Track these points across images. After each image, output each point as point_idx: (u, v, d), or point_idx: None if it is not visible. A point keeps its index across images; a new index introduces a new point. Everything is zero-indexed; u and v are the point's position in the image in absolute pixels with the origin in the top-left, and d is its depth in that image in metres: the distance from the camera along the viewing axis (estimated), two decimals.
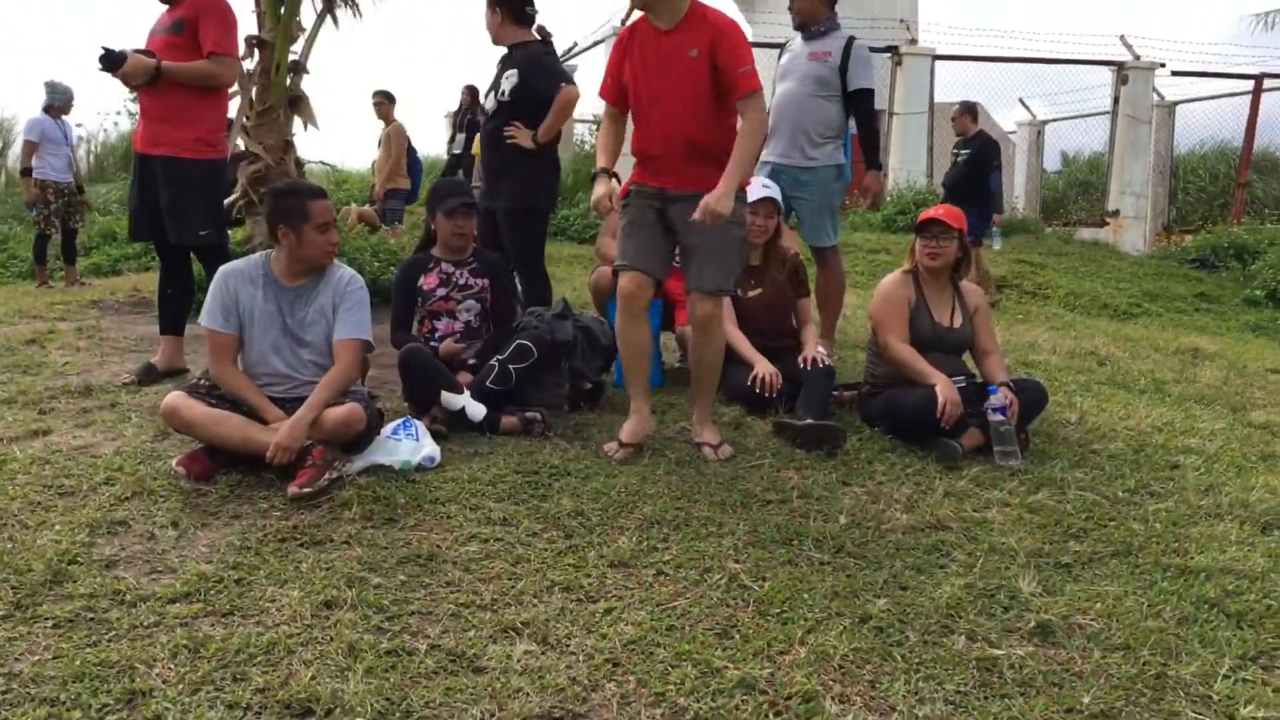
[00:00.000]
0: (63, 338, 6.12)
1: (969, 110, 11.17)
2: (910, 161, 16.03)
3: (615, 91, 4.31)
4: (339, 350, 4.02)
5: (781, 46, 6.25)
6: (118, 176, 16.83)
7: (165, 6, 5.27)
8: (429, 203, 5.10)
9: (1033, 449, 4.60)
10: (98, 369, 5.39)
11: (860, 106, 5.85)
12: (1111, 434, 4.95)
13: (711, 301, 4.26)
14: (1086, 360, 6.84)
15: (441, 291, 4.89)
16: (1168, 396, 6.05)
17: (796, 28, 5.96)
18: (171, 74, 5.03)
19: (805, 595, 3.02)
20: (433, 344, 4.78)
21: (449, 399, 4.38)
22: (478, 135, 12.33)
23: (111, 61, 4.94)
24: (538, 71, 5.50)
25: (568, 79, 5.59)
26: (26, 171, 10.34)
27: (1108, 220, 16.27)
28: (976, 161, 10.58)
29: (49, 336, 6.13)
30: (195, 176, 5.10)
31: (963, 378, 4.74)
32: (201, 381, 4.07)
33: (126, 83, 5.14)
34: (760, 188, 5.29)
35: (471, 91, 13.01)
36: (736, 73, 4.01)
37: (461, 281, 4.91)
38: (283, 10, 7.67)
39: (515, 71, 5.54)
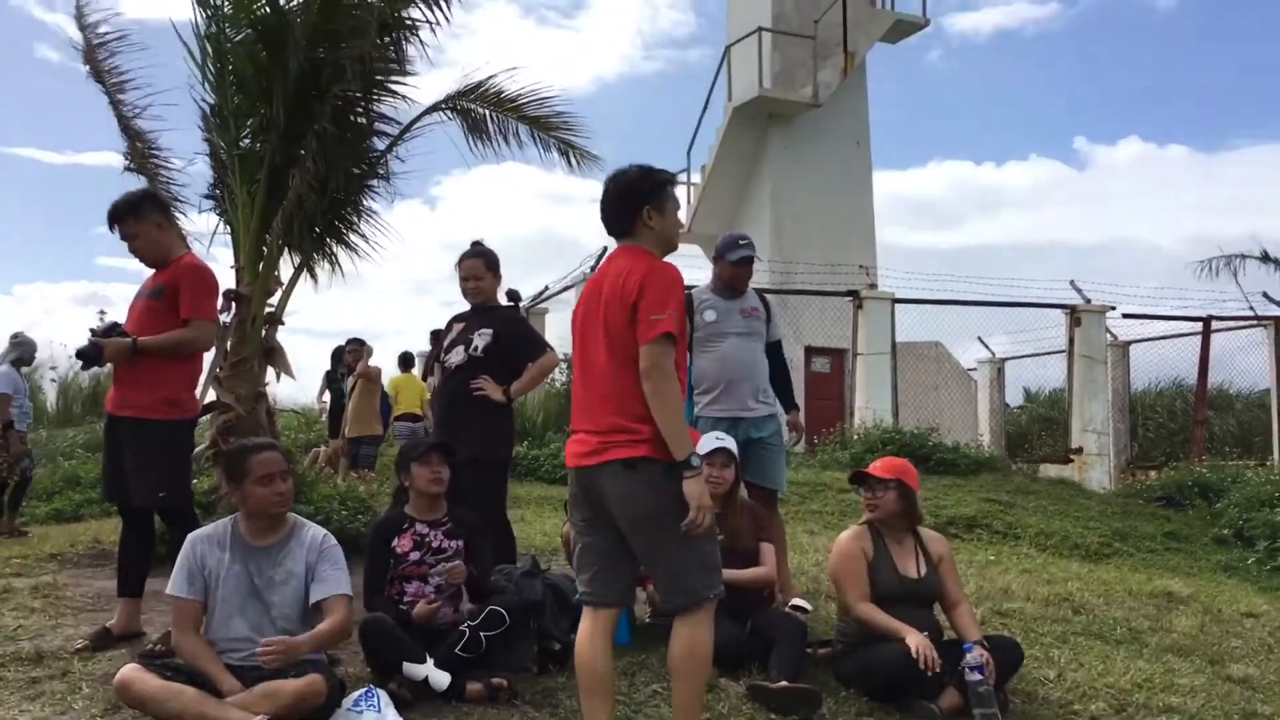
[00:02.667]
0: (17, 597, 5.96)
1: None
2: (876, 400, 16.33)
3: None
4: (330, 607, 4.06)
5: (689, 302, 6.09)
6: (84, 420, 16.83)
7: (152, 270, 5.40)
8: (399, 463, 5.12)
9: (1013, 710, 4.49)
10: (51, 632, 5.23)
11: (778, 355, 6.26)
12: (1092, 692, 4.85)
13: None
14: (1061, 608, 6.78)
15: (415, 556, 4.80)
16: (1145, 647, 5.97)
17: (723, 289, 6.15)
18: (147, 347, 5.10)
19: None
20: (402, 606, 4.67)
21: (411, 669, 4.26)
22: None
23: (89, 360, 5.05)
24: (516, 332, 5.74)
25: (548, 344, 5.85)
26: (9, 425, 10.03)
27: (1072, 457, 16.49)
28: None
29: (3, 596, 5.97)
30: (158, 437, 5.09)
31: (929, 632, 4.68)
32: (157, 648, 3.97)
33: (119, 356, 5.15)
34: (714, 440, 5.37)
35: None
36: None
37: (436, 544, 4.84)
38: (261, 266, 7.89)
39: (490, 331, 5.71)
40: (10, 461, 10.05)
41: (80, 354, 5.05)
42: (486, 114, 8.50)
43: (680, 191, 21.45)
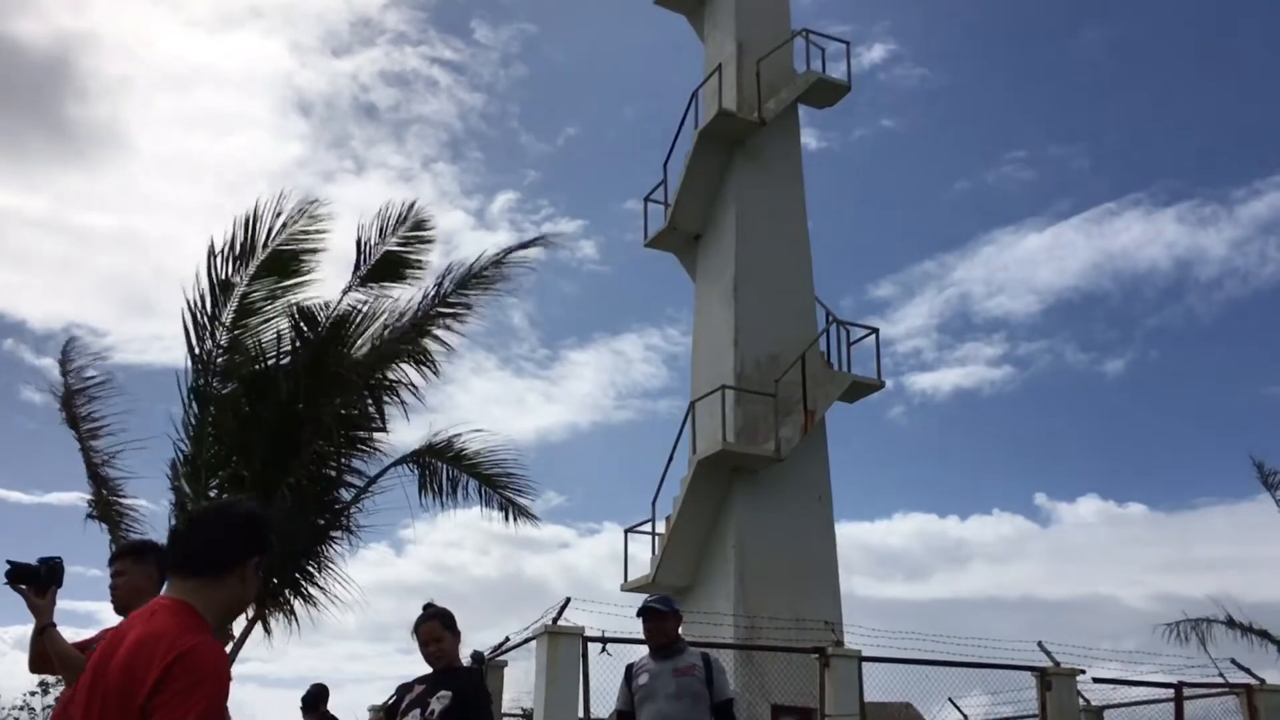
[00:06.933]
0: None
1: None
2: None
3: None
4: None
5: (628, 672, 6.49)
6: None
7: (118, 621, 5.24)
8: None
9: None
10: None
11: (726, 715, 6.20)
12: None
13: None
14: None
15: None
16: None
17: (656, 650, 6.27)
18: (51, 638, 4.82)
19: None
20: None
21: None
22: None
23: (23, 576, 4.65)
24: (477, 702, 5.57)
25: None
26: None
27: None
28: None
29: None
30: None
31: None
32: None
33: (36, 614, 4.79)
34: None
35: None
36: None
37: None
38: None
39: (450, 694, 5.57)
40: None
41: (17, 567, 4.64)
42: (443, 468, 8.76)
43: (645, 542, 21.49)
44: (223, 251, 7.86)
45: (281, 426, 7.55)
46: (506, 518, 9.08)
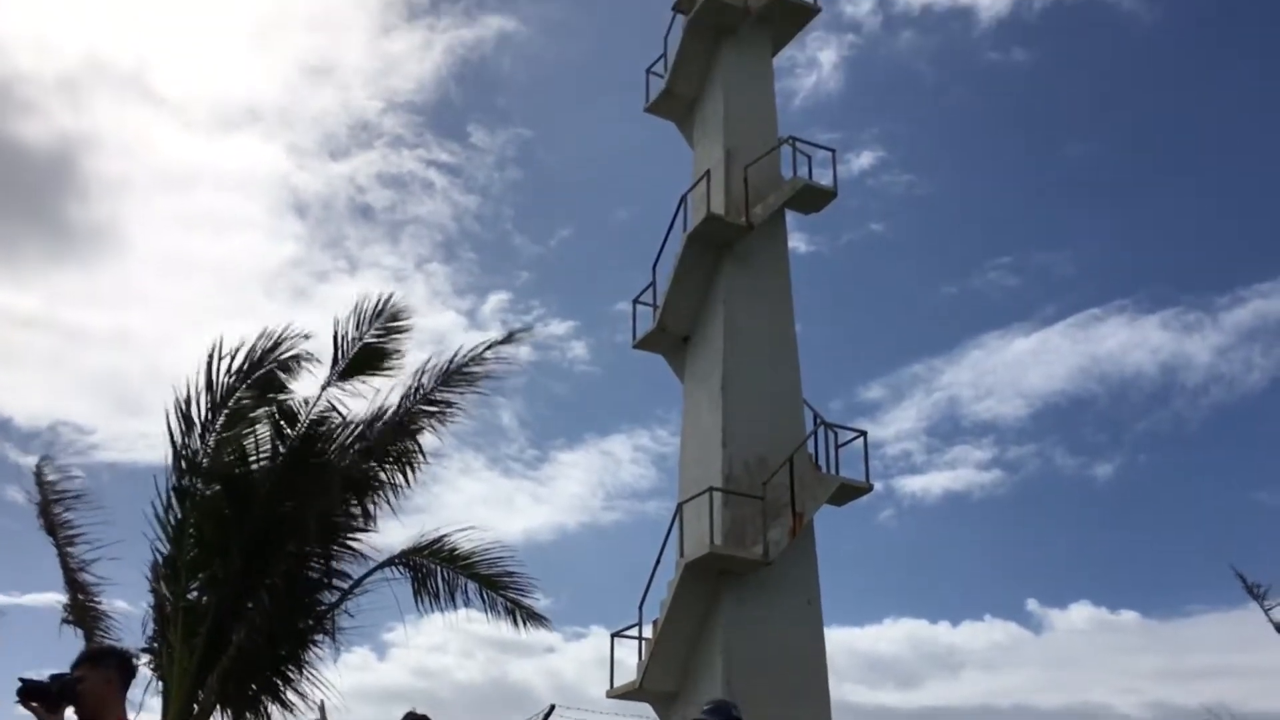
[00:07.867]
0: None
1: None
2: None
3: None
4: None
5: None
6: None
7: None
8: None
9: None
10: None
11: None
12: None
13: None
14: None
15: None
16: None
17: None
18: None
19: None
20: None
21: None
22: None
23: (64, 690, 4.59)
24: None
25: None
26: None
27: None
28: None
29: None
30: None
31: None
32: None
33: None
34: None
35: None
36: None
37: None
38: None
39: None
40: None
41: (29, 684, 4.56)
42: (438, 569, 8.58)
43: (632, 646, 21.12)
44: (221, 359, 7.90)
45: (260, 526, 7.47)
46: (515, 622, 8.80)
